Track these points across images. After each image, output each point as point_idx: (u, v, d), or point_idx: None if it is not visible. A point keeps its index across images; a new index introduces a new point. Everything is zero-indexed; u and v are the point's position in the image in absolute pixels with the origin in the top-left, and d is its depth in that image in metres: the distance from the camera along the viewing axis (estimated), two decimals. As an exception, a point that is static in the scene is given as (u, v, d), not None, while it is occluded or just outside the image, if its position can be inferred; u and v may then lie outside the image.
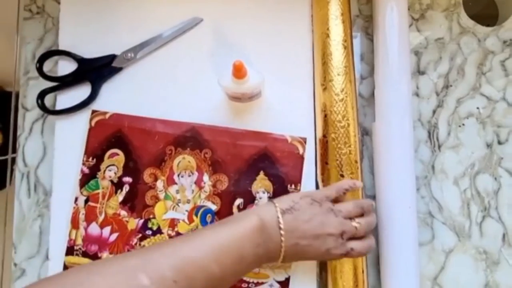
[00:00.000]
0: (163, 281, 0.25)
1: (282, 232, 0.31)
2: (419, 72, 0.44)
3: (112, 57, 0.41)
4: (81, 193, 0.40)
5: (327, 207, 0.33)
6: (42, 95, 0.40)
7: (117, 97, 0.41)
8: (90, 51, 0.41)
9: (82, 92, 0.41)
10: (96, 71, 0.41)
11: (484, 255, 0.41)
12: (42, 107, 0.40)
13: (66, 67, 0.41)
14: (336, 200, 0.35)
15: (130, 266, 0.26)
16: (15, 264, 0.41)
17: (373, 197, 0.40)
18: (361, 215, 0.35)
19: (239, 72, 0.31)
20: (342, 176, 0.38)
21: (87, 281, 0.24)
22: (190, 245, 0.28)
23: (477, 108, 0.43)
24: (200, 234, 0.30)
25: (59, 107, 0.41)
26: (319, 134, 0.40)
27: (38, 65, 0.40)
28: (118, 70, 0.41)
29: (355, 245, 0.34)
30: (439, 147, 0.43)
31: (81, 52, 0.41)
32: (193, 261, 0.27)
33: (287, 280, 0.39)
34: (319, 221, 0.32)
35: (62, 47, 0.41)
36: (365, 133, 0.43)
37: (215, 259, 0.28)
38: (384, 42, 0.39)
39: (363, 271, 0.38)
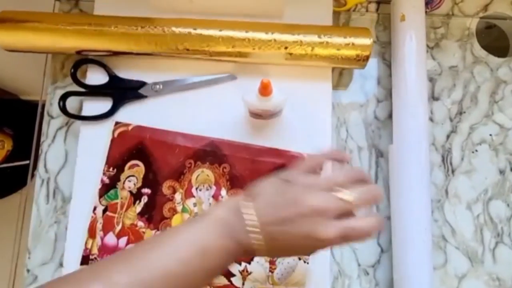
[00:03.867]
0: None
1: (247, 221, 0.26)
2: (433, 97, 0.45)
3: (142, 83, 0.42)
4: (100, 202, 0.40)
5: (300, 182, 0.27)
6: (64, 97, 0.42)
7: (139, 113, 0.42)
8: (119, 71, 0.43)
9: (104, 104, 0.42)
10: (122, 91, 0.42)
11: (497, 282, 0.41)
12: (63, 109, 0.42)
13: (94, 78, 0.43)
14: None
15: (83, 280, 0.24)
16: (28, 270, 0.41)
17: (388, 219, 0.41)
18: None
19: (265, 89, 0.32)
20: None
21: None
22: (145, 245, 0.26)
23: (490, 135, 0.44)
24: (162, 234, 0.28)
25: (84, 113, 0.42)
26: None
27: (72, 70, 0.41)
28: (143, 97, 0.42)
29: (353, 223, 0.26)
30: (453, 171, 0.44)
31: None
32: (145, 263, 0.24)
33: (300, 298, 0.39)
34: (291, 200, 0.26)
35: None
36: (380, 155, 0.44)
37: (171, 254, 0.25)
38: (403, 69, 0.41)
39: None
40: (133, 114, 0.42)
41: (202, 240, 0.26)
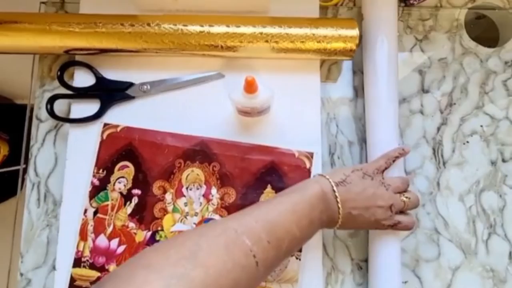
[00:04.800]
0: (260, 242, 0.28)
1: (338, 201, 0.33)
2: (423, 90, 0.45)
3: (129, 84, 0.42)
4: (91, 204, 0.40)
5: (378, 180, 0.36)
6: (51, 100, 0.42)
7: (127, 114, 0.42)
8: (106, 72, 0.43)
9: (92, 106, 0.42)
10: (110, 92, 0.42)
11: (491, 273, 0.41)
12: (51, 112, 0.41)
13: (81, 80, 0.42)
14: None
15: (232, 229, 0.28)
16: (21, 274, 0.41)
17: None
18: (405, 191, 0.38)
19: (250, 87, 0.32)
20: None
21: (201, 244, 0.26)
22: (274, 209, 0.31)
23: (481, 126, 0.44)
24: (279, 199, 0.32)
25: (73, 116, 0.42)
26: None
27: (59, 73, 0.41)
28: (130, 97, 0.42)
29: (402, 218, 0.36)
30: (444, 163, 0.43)
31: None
32: (280, 224, 0.30)
33: (293, 295, 0.38)
34: (370, 193, 0.35)
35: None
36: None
37: (295, 222, 0.31)
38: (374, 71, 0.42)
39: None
40: (121, 115, 0.42)
41: (311, 214, 0.32)
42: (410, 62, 0.46)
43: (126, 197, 0.40)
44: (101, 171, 0.41)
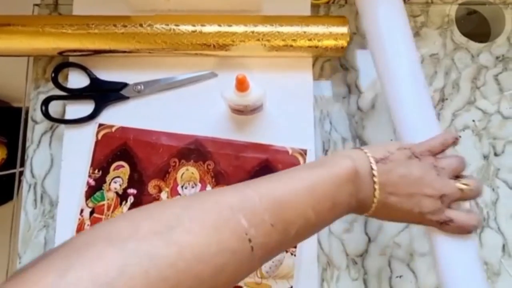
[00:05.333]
0: (261, 223, 0.23)
1: (375, 183, 0.27)
2: (416, 86, 0.45)
3: (123, 85, 0.42)
4: (87, 204, 0.40)
5: (428, 162, 0.28)
6: (46, 101, 0.42)
7: (122, 114, 0.43)
8: (100, 73, 0.43)
9: (87, 107, 0.42)
10: (104, 93, 0.42)
11: (485, 266, 0.41)
12: (45, 113, 0.42)
13: (75, 81, 0.43)
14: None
15: (226, 205, 0.23)
16: (19, 276, 0.41)
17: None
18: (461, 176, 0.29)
19: (241, 85, 0.32)
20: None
21: (183, 217, 0.21)
22: (287, 185, 0.25)
23: (473, 121, 0.45)
24: (296, 174, 0.26)
25: (67, 117, 0.42)
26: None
27: (53, 74, 0.42)
28: (125, 98, 0.42)
29: (456, 215, 0.28)
30: (437, 158, 0.44)
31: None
32: (290, 205, 0.24)
33: (289, 291, 0.39)
34: (416, 177, 0.27)
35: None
36: (365, 145, 0.44)
37: (312, 205, 0.25)
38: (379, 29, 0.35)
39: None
40: (116, 116, 0.42)
41: (335, 197, 0.26)
42: (402, 58, 0.46)
43: (122, 196, 0.41)
44: (96, 171, 0.41)
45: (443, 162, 0.29)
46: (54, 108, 0.43)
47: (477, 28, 0.49)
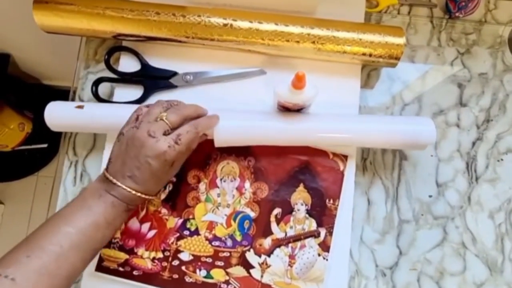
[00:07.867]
0: (16, 262, 0.29)
1: (109, 177, 0.33)
2: (461, 104, 0.45)
3: (173, 73, 0.43)
4: (126, 186, 0.41)
5: (132, 125, 0.34)
6: (97, 82, 0.43)
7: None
8: (151, 59, 0.44)
9: (135, 92, 0.43)
10: (154, 80, 0.43)
11: None
12: (95, 94, 0.43)
13: (127, 65, 0.43)
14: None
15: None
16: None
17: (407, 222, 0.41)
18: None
19: (300, 82, 0.32)
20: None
21: None
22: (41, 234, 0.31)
23: (517, 144, 0.44)
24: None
25: (115, 99, 0.43)
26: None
27: (106, 56, 0.42)
28: (173, 86, 0.43)
29: (179, 131, 0.34)
30: (477, 179, 0.43)
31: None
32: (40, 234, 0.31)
33: (318, 294, 0.39)
34: (129, 137, 0.33)
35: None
36: (404, 158, 0.44)
37: (65, 223, 0.31)
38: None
39: None
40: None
41: (84, 201, 0.33)
42: (450, 74, 0.46)
43: (161, 183, 0.41)
44: (138, 155, 0.41)
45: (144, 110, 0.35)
46: (102, 89, 0.44)
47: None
